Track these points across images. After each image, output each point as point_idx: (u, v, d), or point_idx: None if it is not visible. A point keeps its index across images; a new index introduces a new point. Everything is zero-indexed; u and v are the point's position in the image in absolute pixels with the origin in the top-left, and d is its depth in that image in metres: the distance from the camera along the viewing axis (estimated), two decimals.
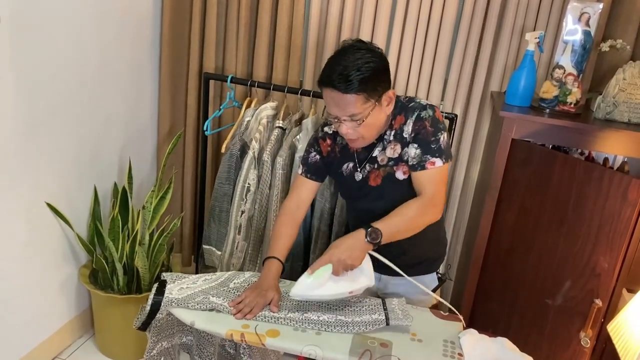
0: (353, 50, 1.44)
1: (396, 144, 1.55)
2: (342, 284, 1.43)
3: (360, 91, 1.41)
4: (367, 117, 1.45)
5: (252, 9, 2.47)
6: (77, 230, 2.23)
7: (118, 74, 2.34)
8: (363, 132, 1.49)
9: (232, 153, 2.23)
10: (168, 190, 2.36)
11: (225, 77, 2.34)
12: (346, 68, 1.40)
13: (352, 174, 1.65)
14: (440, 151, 1.50)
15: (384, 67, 1.47)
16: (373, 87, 1.43)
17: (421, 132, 1.50)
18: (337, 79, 1.40)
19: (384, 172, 1.58)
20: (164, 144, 2.67)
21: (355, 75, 1.39)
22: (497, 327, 2.14)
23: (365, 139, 1.53)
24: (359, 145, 1.57)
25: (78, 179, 2.23)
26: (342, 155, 1.66)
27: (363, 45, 1.46)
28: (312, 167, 1.70)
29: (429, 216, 1.50)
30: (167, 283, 1.52)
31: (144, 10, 2.43)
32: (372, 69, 1.41)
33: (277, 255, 1.59)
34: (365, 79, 1.40)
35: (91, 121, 2.23)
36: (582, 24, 2.03)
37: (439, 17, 2.30)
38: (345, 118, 1.46)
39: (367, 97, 1.43)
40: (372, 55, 1.44)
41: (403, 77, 2.40)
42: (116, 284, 2.26)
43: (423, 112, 1.52)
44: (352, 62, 1.40)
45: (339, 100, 1.43)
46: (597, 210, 1.81)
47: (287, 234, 1.65)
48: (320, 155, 1.69)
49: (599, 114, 1.99)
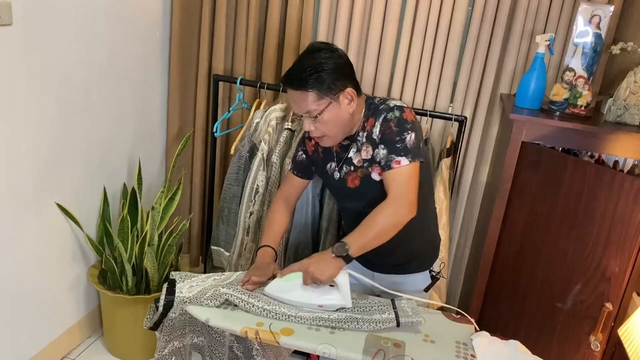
0: (313, 52, 1.52)
1: (368, 146, 1.58)
2: (312, 295, 1.48)
3: (312, 88, 1.48)
4: (323, 113, 1.51)
5: (261, 10, 2.48)
6: (86, 230, 2.24)
7: (128, 76, 2.35)
8: (324, 129, 1.54)
9: (241, 154, 2.23)
10: (177, 191, 2.37)
11: (234, 79, 2.34)
12: (303, 68, 1.49)
13: (333, 173, 1.69)
14: (405, 150, 1.50)
15: (342, 66, 1.53)
16: (327, 85, 1.49)
17: (386, 133, 1.53)
18: (293, 77, 1.50)
19: (361, 174, 1.61)
20: (173, 145, 2.68)
21: (309, 73, 1.47)
22: (506, 330, 2.13)
23: (330, 138, 1.58)
24: (327, 144, 1.62)
25: (88, 180, 2.23)
26: (325, 155, 1.71)
27: (326, 46, 1.54)
28: (298, 165, 1.78)
29: (398, 217, 1.49)
30: (177, 282, 1.53)
31: (154, 12, 2.44)
32: (328, 68, 1.48)
33: (270, 244, 1.68)
34: (318, 77, 1.48)
35: (101, 122, 2.24)
36: (592, 26, 2.03)
37: (448, 20, 2.30)
38: (303, 115, 1.54)
39: (320, 95, 1.49)
40: (330, 55, 1.51)
41: (412, 80, 2.40)
42: (125, 285, 2.26)
43: (389, 113, 1.54)
44: (309, 62, 1.49)
45: (295, 97, 1.52)
46: (608, 214, 1.81)
47: (279, 220, 1.75)
48: (306, 155, 1.76)
49: (609, 116, 1.99)
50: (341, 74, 1.51)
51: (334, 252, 1.46)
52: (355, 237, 1.48)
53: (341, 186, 1.66)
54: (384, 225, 1.48)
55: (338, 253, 1.45)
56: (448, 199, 2.13)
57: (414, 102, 2.43)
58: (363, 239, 1.47)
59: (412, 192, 1.50)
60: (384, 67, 2.41)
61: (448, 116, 2.16)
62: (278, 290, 1.48)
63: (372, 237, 1.48)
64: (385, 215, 1.48)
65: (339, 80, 1.50)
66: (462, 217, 2.57)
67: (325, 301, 1.47)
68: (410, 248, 1.70)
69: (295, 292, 1.47)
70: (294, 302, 1.47)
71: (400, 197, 1.49)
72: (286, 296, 1.48)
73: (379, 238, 1.48)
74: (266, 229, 1.74)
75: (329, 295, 1.48)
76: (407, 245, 1.66)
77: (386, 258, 1.54)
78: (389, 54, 2.39)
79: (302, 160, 1.77)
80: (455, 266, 2.66)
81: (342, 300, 1.47)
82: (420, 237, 1.71)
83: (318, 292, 1.48)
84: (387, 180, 1.52)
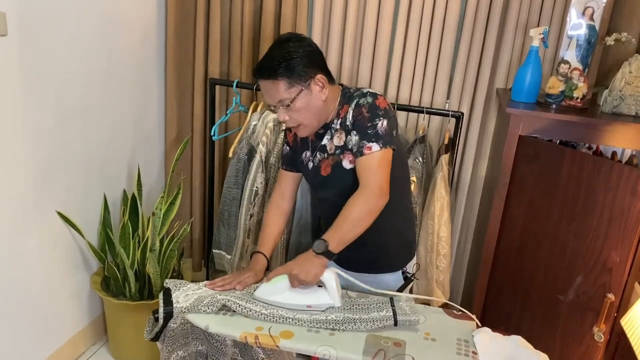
0: (282, 43, 1.54)
1: (341, 133, 1.59)
2: (300, 296, 1.48)
3: (282, 77, 1.49)
4: (295, 101, 1.52)
5: (256, 13, 2.48)
6: (88, 238, 2.24)
7: (124, 82, 2.35)
8: (298, 117, 1.55)
9: (239, 157, 2.24)
10: (177, 196, 2.37)
11: (230, 82, 2.35)
12: (272, 58, 1.51)
13: (307, 163, 1.70)
14: (377, 136, 1.50)
15: (311, 54, 1.54)
16: (297, 72, 1.50)
17: (358, 119, 1.53)
18: (263, 68, 1.52)
19: (332, 161, 1.61)
20: (172, 150, 2.68)
21: (278, 62, 1.49)
22: (510, 324, 2.13)
23: (306, 127, 1.58)
24: (303, 133, 1.62)
25: (88, 187, 2.24)
26: (302, 144, 1.72)
27: (293, 37, 1.55)
28: (285, 159, 1.79)
29: (369, 205, 1.49)
30: (172, 291, 1.52)
31: (149, 18, 2.45)
32: (297, 57, 1.50)
33: (263, 250, 1.69)
34: (287, 66, 1.49)
35: (99, 129, 2.25)
36: (586, 18, 2.03)
37: (442, 15, 2.30)
38: (276, 104, 1.55)
39: (290, 83, 1.50)
40: (299, 44, 1.53)
41: (408, 78, 2.40)
42: (128, 291, 2.27)
43: (362, 99, 1.54)
44: (278, 52, 1.51)
45: (266, 87, 1.54)
46: (607, 205, 1.81)
47: (273, 223, 1.76)
48: (289, 147, 1.78)
49: (606, 107, 1.99)
50: (311, 61, 1.52)
51: (314, 250, 1.46)
52: (332, 231, 1.48)
53: (315, 175, 1.66)
54: (358, 214, 1.48)
55: (318, 250, 1.46)
56: (449, 195, 2.14)
57: (410, 99, 2.43)
58: (339, 231, 1.48)
59: (382, 177, 1.50)
60: (380, 65, 2.41)
61: (445, 112, 2.16)
62: (266, 293, 1.49)
63: (348, 228, 1.48)
64: (357, 204, 1.49)
65: (308, 67, 1.51)
66: (463, 213, 2.57)
67: (313, 301, 1.47)
68: (380, 242, 1.67)
69: (283, 295, 1.47)
70: (283, 304, 1.48)
71: (371, 183, 1.49)
72: (275, 299, 1.48)
73: (355, 228, 1.49)
74: (261, 233, 1.76)
75: (317, 295, 1.48)
76: (376, 239, 1.63)
77: (355, 251, 1.54)
78: (384, 52, 2.39)
79: (287, 153, 1.78)
80: (457, 262, 2.66)
81: (330, 299, 1.48)
82: (390, 231, 1.69)
83: (306, 293, 1.48)
84: (359, 168, 1.52)
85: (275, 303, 1.49)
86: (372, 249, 1.67)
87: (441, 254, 2.15)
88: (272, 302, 1.49)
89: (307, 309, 1.48)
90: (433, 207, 2.10)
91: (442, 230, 2.11)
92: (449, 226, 2.13)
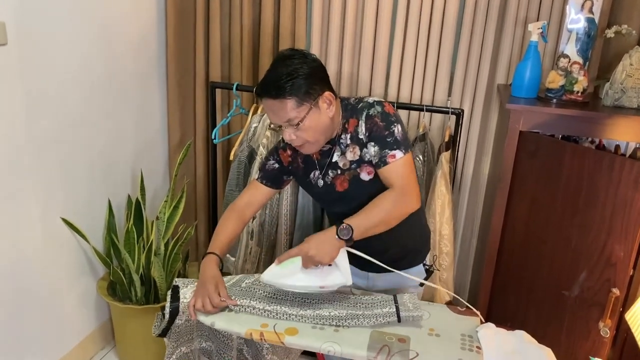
0: (285, 59, 1.48)
1: (354, 147, 1.56)
2: (313, 277, 1.46)
3: (291, 95, 1.45)
4: (304, 120, 1.47)
5: (255, 16, 2.49)
6: (93, 243, 2.26)
7: (126, 88, 2.37)
8: (306, 136, 1.50)
9: (240, 160, 2.25)
10: (181, 200, 2.38)
11: (231, 86, 2.36)
12: (278, 76, 1.45)
13: (316, 182, 1.66)
14: (397, 143, 1.50)
15: (317, 70, 1.50)
16: (305, 90, 1.46)
17: (374, 129, 1.51)
18: (269, 87, 1.46)
19: (349, 176, 1.58)
20: (175, 154, 2.70)
21: (285, 80, 1.44)
22: (515, 320, 2.13)
23: (312, 144, 1.54)
24: (308, 151, 1.57)
25: (92, 193, 2.26)
26: (306, 165, 1.68)
27: (296, 53, 1.50)
28: (268, 174, 1.72)
29: (404, 207, 1.50)
30: (180, 288, 1.54)
31: (149, 23, 2.47)
32: (303, 74, 1.45)
33: (215, 251, 1.60)
34: (295, 84, 1.44)
35: (102, 135, 2.26)
36: (585, 11, 2.03)
37: (441, 11, 2.30)
38: (283, 124, 1.49)
39: (299, 101, 1.46)
40: (303, 61, 1.48)
41: (408, 76, 2.40)
42: (134, 295, 2.28)
43: (371, 109, 1.53)
44: (283, 70, 1.45)
45: (273, 107, 1.47)
46: (610, 199, 1.80)
47: (230, 230, 1.67)
48: (279, 165, 1.71)
49: (607, 101, 1.98)
50: (317, 78, 1.48)
51: (338, 234, 1.43)
52: (359, 220, 1.45)
53: (328, 192, 1.63)
54: (391, 213, 1.47)
55: (343, 236, 1.43)
56: (450, 193, 2.13)
57: (411, 97, 2.43)
58: (368, 222, 1.46)
59: (415, 182, 1.51)
60: (380, 65, 2.41)
61: (445, 110, 2.16)
62: (276, 276, 1.46)
63: (377, 222, 1.46)
64: (393, 203, 1.48)
65: (315, 84, 1.48)
66: (466, 210, 2.57)
67: (327, 281, 1.46)
68: (403, 243, 1.68)
69: (295, 276, 1.45)
70: (295, 286, 1.46)
71: (406, 187, 1.49)
72: (286, 281, 1.46)
73: (382, 225, 1.48)
74: (214, 236, 1.67)
75: (330, 275, 1.46)
76: (400, 241, 1.65)
77: (380, 256, 1.53)
78: (383, 52, 2.39)
79: (273, 169, 1.71)
80: (462, 259, 2.66)
81: (343, 279, 1.46)
82: (412, 230, 1.70)
83: (318, 273, 1.46)
84: (387, 175, 1.51)
85: (285, 286, 1.47)
86: (397, 250, 1.66)
87: (444, 252, 2.14)
88: (282, 284, 1.47)
89: (320, 289, 1.47)
90: (434, 205, 2.10)
91: (444, 228, 2.11)
92: (450, 224, 2.13)
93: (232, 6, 2.48)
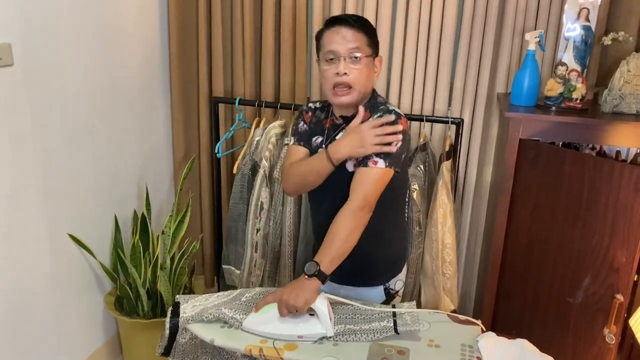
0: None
1: None
2: (291, 325, 1.42)
3: (367, 33, 1.57)
4: (364, 60, 1.55)
5: (256, 29, 2.52)
6: (100, 258, 2.29)
7: (130, 103, 2.41)
8: (356, 76, 1.55)
9: (243, 173, 2.27)
10: (186, 214, 2.41)
11: (233, 100, 2.39)
12: (360, 16, 1.61)
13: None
14: (387, 154, 1.51)
15: None
16: (375, 41, 1.60)
17: None
18: (350, 18, 1.57)
19: None
20: (179, 168, 2.73)
21: (368, 22, 1.60)
22: (521, 328, 2.12)
23: (354, 92, 1.56)
24: (344, 99, 1.57)
25: (98, 208, 2.29)
26: (315, 128, 1.72)
27: None
28: (301, 135, 1.74)
29: (359, 219, 1.49)
30: (181, 304, 1.55)
31: (151, 37, 2.51)
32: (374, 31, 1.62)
33: None
34: (373, 30, 1.61)
35: (107, 151, 2.30)
36: (582, 19, 2.03)
37: (440, 22, 2.32)
38: (348, 51, 1.54)
39: (369, 43, 1.57)
40: None
41: (408, 86, 2.42)
42: (141, 309, 2.31)
43: (385, 115, 1.55)
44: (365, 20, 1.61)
45: (346, 35, 1.55)
46: (611, 204, 1.80)
47: None
48: (305, 125, 1.76)
49: (606, 107, 1.98)
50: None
51: (305, 272, 1.42)
52: (323, 251, 1.46)
53: None
54: (345, 230, 1.47)
55: (310, 272, 1.41)
56: (451, 202, 2.14)
57: (412, 108, 2.45)
58: (330, 250, 1.45)
59: (373, 192, 1.51)
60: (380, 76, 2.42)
61: (444, 119, 2.18)
62: (254, 324, 1.43)
63: (338, 245, 1.46)
64: (344, 219, 1.48)
65: (377, 47, 1.61)
66: (470, 219, 2.57)
67: (305, 331, 1.42)
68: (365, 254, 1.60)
69: (273, 324, 1.41)
70: (272, 334, 1.42)
71: (358, 196, 1.49)
72: (264, 329, 1.42)
73: (344, 244, 1.47)
74: None
75: (308, 324, 1.42)
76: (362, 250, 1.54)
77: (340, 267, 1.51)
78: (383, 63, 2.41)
79: (304, 130, 1.74)
80: (467, 268, 2.65)
81: (323, 330, 1.41)
82: (377, 243, 1.67)
83: (296, 322, 1.42)
84: (356, 178, 1.52)
85: (264, 334, 1.43)
86: (357, 260, 1.57)
87: (447, 261, 2.15)
88: (261, 332, 1.43)
89: (299, 339, 1.42)
90: (436, 215, 2.11)
91: (446, 237, 2.12)
92: (453, 233, 2.14)
93: (233, 21, 2.52)
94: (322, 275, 1.43)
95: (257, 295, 1.60)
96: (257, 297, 1.59)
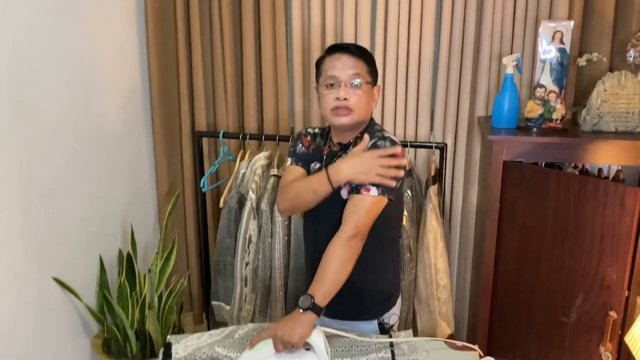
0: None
1: None
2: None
3: (368, 63, 1.61)
4: (364, 86, 1.58)
5: (237, 62, 2.54)
6: (85, 301, 2.23)
7: (113, 142, 2.38)
8: (355, 100, 1.57)
9: (230, 206, 2.26)
10: (172, 251, 2.37)
11: (216, 134, 2.39)
12: (360, 46, 1.66)
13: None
14: None
15: None
16: (374, 70, 1.64)
17: None
18: (352, 46, 1.63)
19: None
20: (164, 204, 2.69)
21: (367, 51, 1.64)
22: (517, 349, 2.11)
23: (353, 114, 1.58)
24: (344, 120, 1.58)
25: (83, 250, 2.24)
26: (315, 154, 1.72)
27: None
28: (299, 156, 1.74)
29: (352, 249, 1.48)
30: (173, 344, 1.52)
31: (132, 76, 2.50)
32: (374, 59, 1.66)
33: None
34: (372, 59, 1.64)
35: (91, 191, 2.26)
36: (556, 42, 2.09)
37: (418, 50, 2.36)
38: (347, 78, 1.57)
39: (369, 70, 1.61)
40: None
41: (390, 114, 2.44)
42: (130, 351, 2.24)
43: (381, 142, 1.56)
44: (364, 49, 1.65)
45: (348, 61, 1.58)
46: (598, 222, 1.82)
47: None
48: (304, 147, 1.76)
49: (585, 126, 2.02)
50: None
51: (300, 306, 1.39)
52: (316, 284, 1.44)
53: None
54: (339, 261, 1.45)
55: (304, 306, 1.39)
56: (441, 226, 2.15)
57: (395, 134, 2.46)
58: (324, 282, 1.43)
59: (365, 221, 1.50)
60: None
61: (428, 144, 2.20)
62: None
63: (332, 276, 1.44)
64: (336, 250, 1.46)
65: (376, 75, 1.65)
66: (459, 242, 2.57)
67: None
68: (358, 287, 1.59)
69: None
70: None
71: (350, 224, 1.48)
72: None
73: (338, 275, 1.45)
74: None
75: (305, 359, 1.39)
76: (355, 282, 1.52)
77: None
78: None
79: (302, 152, 1.74)
80: (459, 292, 2.65)
81: None
82: (370, 275, 1.65)
83: (293, 357, 1.39)
84: (349, 206, 1.51)
85: None
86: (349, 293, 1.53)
87: (441, 285, 2.14)
88: None
89: None
90: (427, 239, 2.11)
91: (438, 262, 2.12)
92: (445, 257, 2.14)
93: (214, 55, 2.53)
94: (317, 309, 1.40)
95: (250, 332, 1.58)
96: (250, 334, 1.56)
